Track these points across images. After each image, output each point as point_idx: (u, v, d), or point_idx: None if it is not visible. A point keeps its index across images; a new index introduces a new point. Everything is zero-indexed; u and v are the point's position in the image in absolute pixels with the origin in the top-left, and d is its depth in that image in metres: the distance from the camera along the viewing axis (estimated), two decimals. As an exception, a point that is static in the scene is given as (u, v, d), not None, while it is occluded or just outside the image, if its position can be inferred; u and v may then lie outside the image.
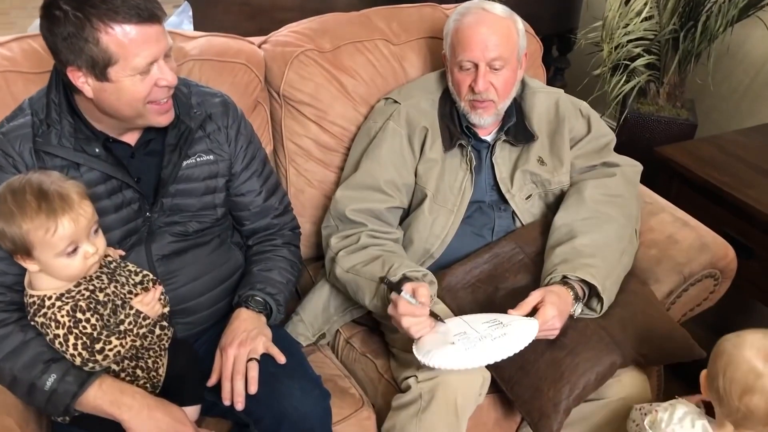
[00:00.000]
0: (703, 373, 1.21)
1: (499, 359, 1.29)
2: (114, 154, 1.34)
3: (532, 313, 1.38)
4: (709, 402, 1.23)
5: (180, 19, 2.42)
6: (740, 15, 2.23)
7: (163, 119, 1.32)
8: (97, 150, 1.31)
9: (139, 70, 1.22)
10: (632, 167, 1.69)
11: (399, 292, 1.35)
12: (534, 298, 1.39)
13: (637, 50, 2.33)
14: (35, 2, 1.36)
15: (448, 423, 1.35)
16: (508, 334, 1.31)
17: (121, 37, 1.18)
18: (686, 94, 2.50)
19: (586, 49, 2.54)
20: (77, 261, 1.20)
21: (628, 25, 2.14)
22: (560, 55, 2.98)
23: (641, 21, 2.13)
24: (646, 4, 2.13)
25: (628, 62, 2.35)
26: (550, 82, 2.96)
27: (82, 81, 1.23)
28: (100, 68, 1.21)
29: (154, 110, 1.28)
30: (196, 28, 2.26)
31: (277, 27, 1.90)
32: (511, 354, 1.29)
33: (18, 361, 1.19)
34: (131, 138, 1.37)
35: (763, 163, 1.97)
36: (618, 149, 1.74)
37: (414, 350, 1.34)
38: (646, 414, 1.30)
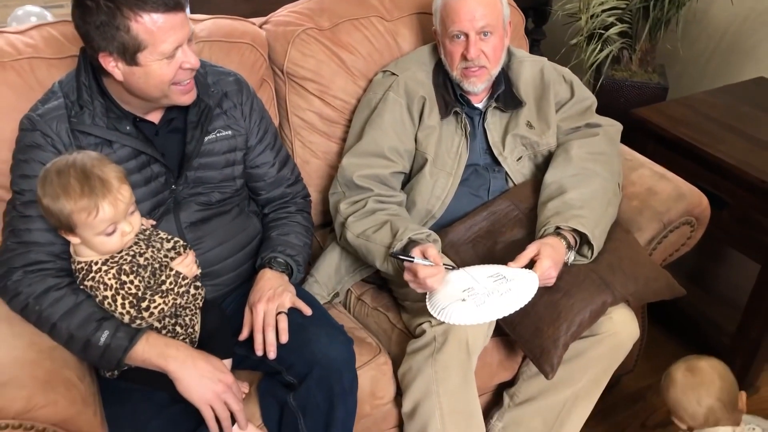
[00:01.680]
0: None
1: (507, 314, 1.42)
2: (142, 131, 1.45)
3: (530, 264, 1.53)
4: None
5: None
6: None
7: (187, 98, 1.42)
8: (128, 128, 1.42)
9: (167, 54, 1.32)
10: (613, 127, 1.84)
11: (411, 260, 1.46)
12: (531, 250, 1.53)
13: (611, 19, 2.47)
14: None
15: (460, 360, 1.50)
16: (513, 289, 1.44)
17: (149, 25, 1.29)
18: (657, 59, 2.66)
19: (563, 20, 2.67)
20: (115, 239, 1.30)
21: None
22: (536, 27, 3.11)
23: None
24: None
25: (603, 31, 2.49)
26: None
27: (113, 65, 1.33)
28: (130, 54, 1.31)
29: (179, 91, 1.39)
30: (193, 11, 2.34)
31: (271, 9, 1.99)
32: (518, 308, 1.42)
33: (73, 321, 1.30)
34: (155, 117, 1.48)
35: (731, 120, 2.13)
36: (597, 113, 1.89)
37: (429, 308, 1.46)
38: None
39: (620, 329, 1.60)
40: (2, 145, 1.49)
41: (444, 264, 1.50)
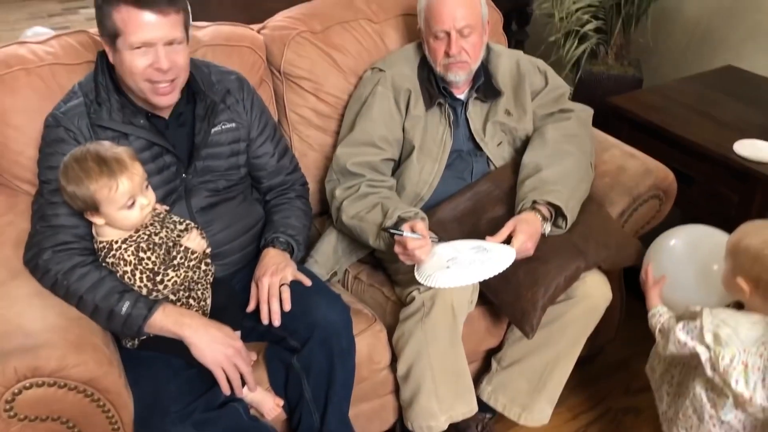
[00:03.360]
0: (729, 278, 1.43)
1: (486, 278, 1.58)
2: (154, 125, 1.61)
3: (509, 239, 1.68)
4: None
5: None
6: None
7: (160, 100, 1.54)
8: (142, 121, 1.58)
9: (134, 46, 1.46)
10: (585, 111, 2.00)
11: (401, 234, 1.62)
12: (508, 226, 1.69)
13: (586, 17, 2.64)
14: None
15: (446, 323, 1.65)
16: (492, 258, 1.60)
17: (124, 14, 1.45)
18: (632, 53, 2.82)
19: (541, 19, 2.84)
20: (135, 212, 1.46)
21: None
22: (519, 28, 3.28)
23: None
24: (588, -25, 2.44)
25: (579, 28, 2.66)
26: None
27: (108, 50, 1.50)
28: (112, 38, 1.48)
29: (151, 90, 1.51)
30: (194, 19, 2.51)
31: (267, 16, 2.15)
32: (495, 274, 1.57)
33: (98, 293, 1.45)
34: (165, 112, 1.63)
35: (699, 105, 2.28)
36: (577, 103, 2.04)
37: (417, 275, 1.62)
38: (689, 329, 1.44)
39: (594, 292, 1.75)
40: (29, 143, 1.66)
41: (430, 237, 1.66)
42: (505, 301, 1.72)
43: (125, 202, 1.44)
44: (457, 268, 1.58)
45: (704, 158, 2.07)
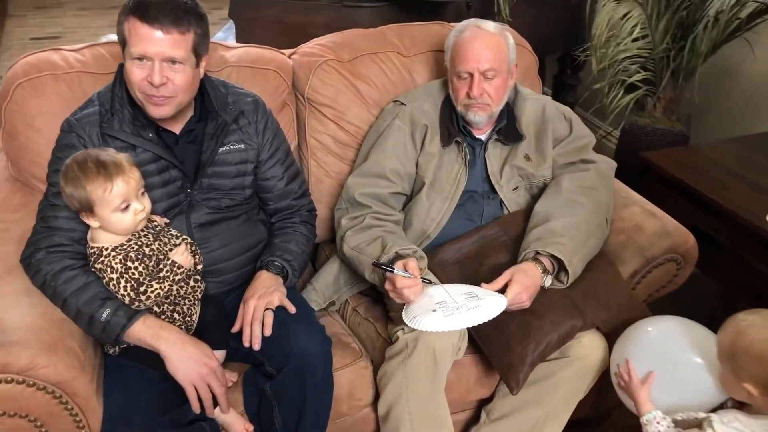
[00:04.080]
0: (731, 381, 1.32)
1: (468, 326, 1.55)
2: (163, 139, 1.65)
3: (506, 287, 1.63)
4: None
5: (226, 35, 2.76)
6: (727, 37, 2.44)
7: (154, 111, 1.56)
8: (150, 135, 1.62)
9: (133, 56, 1.51)
10: (606, 164, 1.92)
11: (391, 270, 1.59)
12: (505, 275, 1.65)
13: (634, 66, 2.56)
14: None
15: (427, 368, 1.60)
16: (481, 306, 1.56)
17: (131, 26, 1.50)
18: (682, 109, 2.71)
19: (588, 65, 2.77)
20: (129, 216, 1.49)
21: (620, 44, 2.37)
22: (572, 73, 3.22)
23: (632, 41, 2.37)
24: (635, 25, 2.37)
25: (626, 78, 2.58)
26: (563, 98, 3.21)
27: (122, 57, 1.55)
28: (123, 46, 1.53)
29: (146, 99, 1.54)
30: (238, 42, 2.58)
31: (307, 42, 2.20)
32: (478, 323, 1.53)
33: (81, 298, 1.48)
34: (176, 128, 1.67)
35: (737, 168, 2.17)
36: (617, 156, 1.97)
37: (403, 315, 1.59)
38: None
39: (589, 353, 1.67)
40: (49, 146, 1.67)
41: (423, 278, 1.62)
42: (494, 353, 1.66)
43: (119, 204, 1.47)
44: (442, 312, 1.54)
45: (734, 225, 1.96)
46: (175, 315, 1.59)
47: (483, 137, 1.93)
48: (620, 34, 2.38)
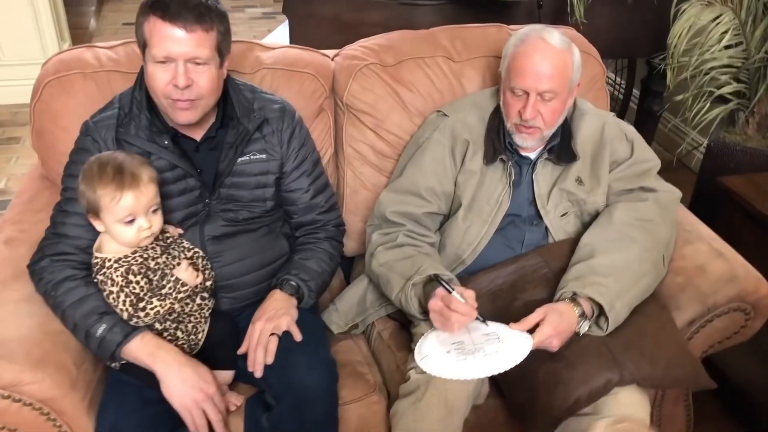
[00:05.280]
0: None
1: (482, 376, 1.39)
2: (181, 146, 1.57)
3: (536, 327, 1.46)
4: None
5: (284, 32, 2.68)
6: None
7: (179, 116, 1.48)
8: (165, 142, 1.54)
9: (156, 59, 1.43)
10: (669, 193, 1.70)
11: (451, 290, 1.46)
12: (536, 315, 1.47)
13: (724, 77, 2.28)
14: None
15: (439, 416, 1.45)
16: (500, 351, 1.40)
17: (152, 25, 1.42)
18: (781, 125, 2.40)
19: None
20: (131, 231, 1.42)
21: (705, 52, 2.10)
22: (659, 78, 2.93)
23: (723, 48, 2.09)
24: (726, 32, 2.09)
25: (714, 89, 2.30)
26: (649, 104, 2.93)
27: (143, 62, 1.47)
28: (143, 48, 1.45)
29: (170, 104, 1.47)
30: (293, 40, 2.49)
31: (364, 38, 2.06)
32: (495, 373, 1.38)
33: (79, 311, 1.43)
34: (197, 134, 1.59)
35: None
36: (700, 178, 1.73)
37: (414, 350, 1.45)
38: None
39: (626, 412, 1.46)
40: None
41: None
42: (517, 400, 1.50)
43: (123, 216, 1.41)
44: (456, 355, 1.39)
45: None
46: (179, 333, 1.52)
47: (532, 155, 1.74)
48: (707, 42, 2.10)
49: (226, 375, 1.59)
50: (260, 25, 5.19)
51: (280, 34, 2.74)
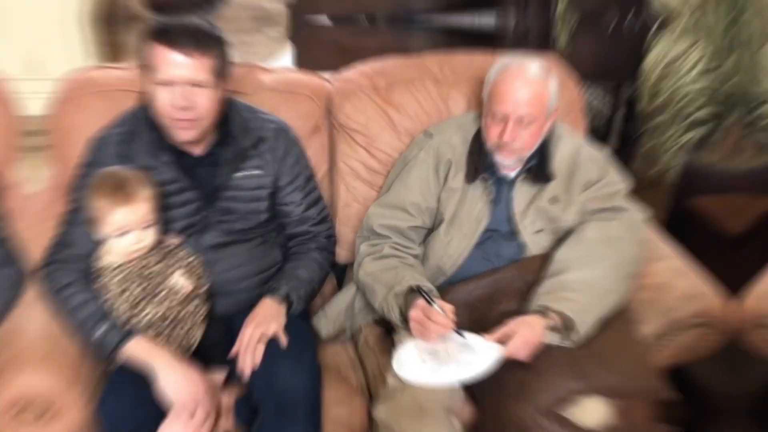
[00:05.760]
0: None
1: (454, 384, 1.51)
2: (182, 162, 1.68)
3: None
4: None
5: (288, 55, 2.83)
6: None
7: (180, 134, 1.61)
8: (165, 158, 1.66)
9: (159, 81, 1.55)
10: (638, 213, 1.80)
11: (432, 301, 1.57)
12: (507, 327, 1.58)
13: (702, 99, 2.38)
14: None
15: (413, 419, 1.54)
16: (472, 363, 1.52)
17: (156, 50, 1.54)
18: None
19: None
20: (123, 243, 1.54)
21: (679, 78, 2.21)
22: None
23: (698, 74, 2.20)
24: (700, 59, 2.19)
25: (692, 111, 2.40)
26: (633, 124, 3.02)
27: (146, 83, 1.59)
28: (147, 71, 1.57)
29: (172, 124, 1.59)
30: (297, 63, 2.63)
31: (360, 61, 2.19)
32: (466, 381, 1.51)
33: (79, 315, 1.54)
34: (198, 150, 1.70)
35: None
36: (675, 198, 1.82)
37: (393, 357, 1.56)
38: None
39: (588, 420, 1.57)
40: None
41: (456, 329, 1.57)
42: (488, 408, 1.59)
43: (113, 230, 1.53)
44: (431, 364, 1.50)
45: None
46: (172, 336, 1.61)
47: (511, 175, 1.85)
48: (680, 69, 2.21)
49: (218, 375, 1.69)
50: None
51: (285, 57, 2.90)
